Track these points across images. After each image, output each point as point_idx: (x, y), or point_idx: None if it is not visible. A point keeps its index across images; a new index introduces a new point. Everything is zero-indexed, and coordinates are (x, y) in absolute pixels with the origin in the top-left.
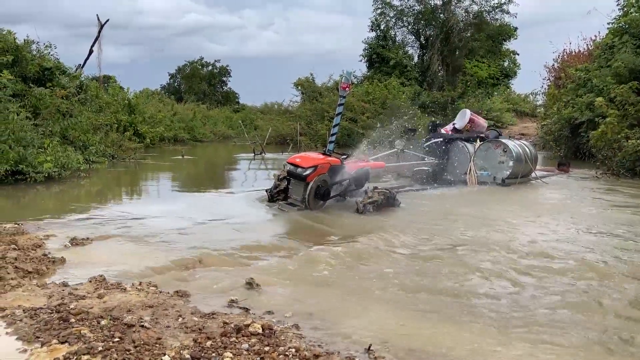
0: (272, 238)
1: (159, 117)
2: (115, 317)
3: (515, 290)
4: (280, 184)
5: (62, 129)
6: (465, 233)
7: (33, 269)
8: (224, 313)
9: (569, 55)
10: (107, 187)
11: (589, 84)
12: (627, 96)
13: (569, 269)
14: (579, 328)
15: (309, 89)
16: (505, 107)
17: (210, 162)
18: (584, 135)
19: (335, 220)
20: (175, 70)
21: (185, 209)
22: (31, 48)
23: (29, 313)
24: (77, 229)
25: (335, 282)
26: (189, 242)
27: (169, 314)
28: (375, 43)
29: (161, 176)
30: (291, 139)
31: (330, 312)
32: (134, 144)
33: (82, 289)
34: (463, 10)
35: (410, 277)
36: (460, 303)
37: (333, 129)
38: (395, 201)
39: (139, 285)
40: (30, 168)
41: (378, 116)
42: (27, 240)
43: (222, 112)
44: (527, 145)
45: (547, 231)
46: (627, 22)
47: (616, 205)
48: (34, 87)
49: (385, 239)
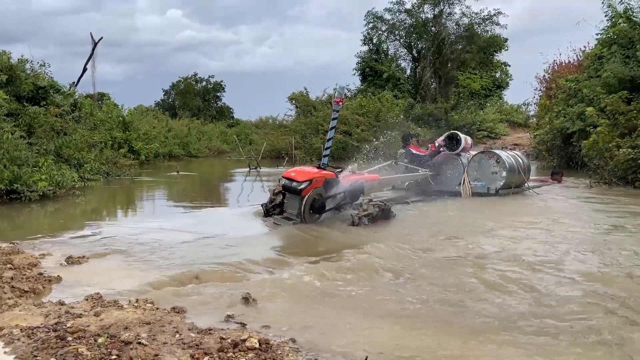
0: (268, 252)
1: (154, 133)
2: (112, 334)
3: (513, 300)
4: (276, 198)
5: (56, 147)
6: (461, 244)
7: (29, 288)
8: (220, 328)
9: (559, 66)
10: (102, 205)
11: (579, 94)
12: (617, 106)
13: (568, 278)
14: (583, 337)
15: (304, 103)
16: (498, 117)
17: (206, 178)
18: (576, 144)
19: (331, 233)
20: (170, 86)
21: (181, 224)
22: (25, 67)
23: (27, 332)
24: (73, 247)
25: (332, 296)
26: (185, 258)
27: (166, 331)
28: (368, 57)
29: (156, 192)
30: (286, 153)
31: (326, 326)
32: (128, 160)
33: (78, 307)
34: (454, 22)
35: (406, 290)
36: (458, 315)
37: (327, 143)
38: (391, 213)
39: (136, 302)
40: (24, 187)
41: (372, 129)
42: (22, 260)
43: (216, 127)
44: (519, 156)
45: (544, 240)
46: (616, 33)
47: (608, 212)
48: (28, 106)
49: (381, 251)
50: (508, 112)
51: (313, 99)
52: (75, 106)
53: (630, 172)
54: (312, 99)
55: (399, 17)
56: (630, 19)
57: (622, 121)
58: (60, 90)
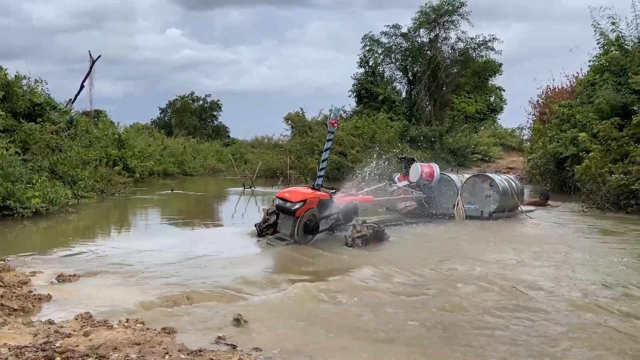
0: (261, 273)
1: (149, 151)
2: (101, 355)
3: (504, 323)
4: (269, 219)
5: (51, 164)
6: (455, 267)
7: (19, 307)
8: (211, 350)
9: (553, 92)
10: (95, 222)
11: (572, 120)
12: (610, 132)
13: (558, 303)
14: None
15: (299, 123)
16: (492, 141)
17: (200, 196)
18: (569, 169)
19: (324, 254)
20: (166, 104)
21: (174, 244)
22: (22, 83)
23: (15, 352)
24: (64, 265)
25: (323, 318)
26: (177, 278)
27: (156, 352)
28: (364, 79)
29: (150, 211)
30: (281, 173)
31: (317, 349)
32: (123, 178)
33: (67, 326)
34: (449, 47)
35: (398, 313)
36: (450, 338)
37: (322, 164)
38: (384, 235)
39: (126, 322)
40: (17, 203)
41: (367, 150)
42: (13, 277)
43: (212, 146)
44: (513, 180)
45: (538, 265)
46: (608, 60)
47: (601, 239)
48: (24, 123)
49: (374, 273)
50: (502, 135)
51: (309, 120)
52: (71, 123)
53: (623, 198)
54: (308, 120)
55: (395, 40)
56: (622, 46)
57: (614, 147)
58: (57, 107)
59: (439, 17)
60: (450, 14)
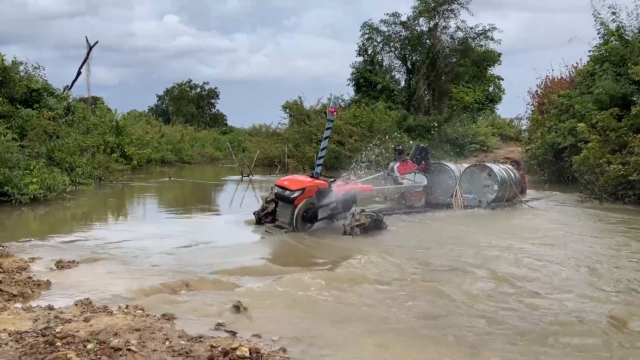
0: (260, 261)
1: (147, 138)
2: (101, 340)
3: (503, 315)
4: (268, 207)
5: (48, 151)
6: (453, 256)
7: (18, 292)
8: (211, 336)
9: (552, 82)
10: (93, 209)
11: (571, 110)
12: (609, 122)
13: (553, 292)
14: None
15: (297, 112)
16: (490, 131)
17: (198, 184)
18: (567, 159)
19: (323, 243)
20: (164, 92)
21: (172, 231)
22: (19, 69)
23: (15, 337)
24: (63, 252)
25: (323, 306)
26: (176, 265)
27: (156, 338)
28: (363, 68)
29: (148, 198)
30: (279, 161)
31: (317, 336)
32: (120, 165)
33: (68, 312)
34: (449, 36)
35: (397, 301)
36: (449, 327)
37: (321, 152)
38: (383, 224)
39: (126, 308)
40: (15, 190)
41: (365, 139)
42: (11, 263)
43: (210, 134)
44: (511, 170)
45: (535, 254)
46: (608, 50)
47: (598, 229)
48: (21, 108)
49: (373, 262)
50: (500, 125)
51: (307, 108)
52: (68, 109)
53: (621, 188)
54: (306, 108)
55: (395, 29)
56: (622, 36)
57: (612, 137)
58: (54, 93)
59: (439, 5)
60: (450, 3)
